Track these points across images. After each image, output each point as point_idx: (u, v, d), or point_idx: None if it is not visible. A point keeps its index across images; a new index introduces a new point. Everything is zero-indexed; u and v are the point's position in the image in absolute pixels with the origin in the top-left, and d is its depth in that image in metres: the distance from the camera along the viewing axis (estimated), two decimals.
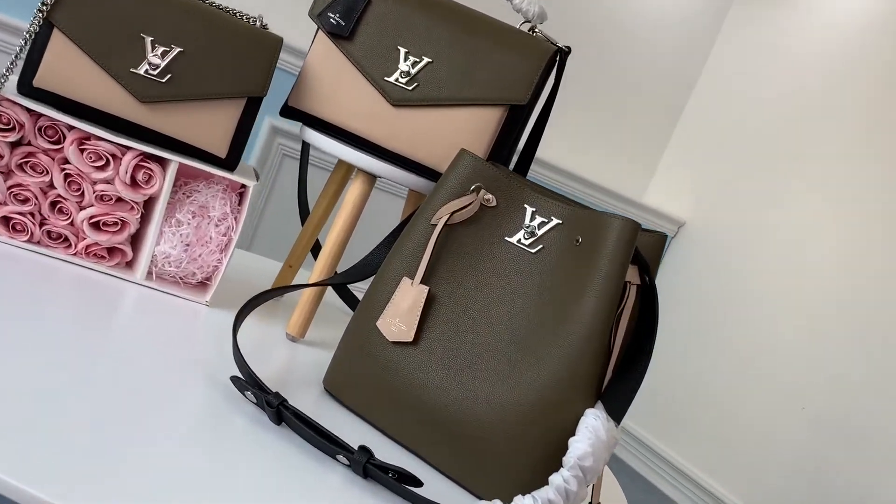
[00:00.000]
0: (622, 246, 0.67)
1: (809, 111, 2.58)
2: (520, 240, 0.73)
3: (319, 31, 0.90)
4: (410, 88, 0.87)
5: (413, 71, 0.87)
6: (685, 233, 2.84)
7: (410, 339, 0.72)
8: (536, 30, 0.90)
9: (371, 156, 0.88)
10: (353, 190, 0.90)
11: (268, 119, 2.25)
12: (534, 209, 0.74)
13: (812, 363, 2.37)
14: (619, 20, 2.71)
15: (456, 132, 0.87)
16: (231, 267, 1.07)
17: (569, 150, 2.75)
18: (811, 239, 2.46)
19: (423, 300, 0.72)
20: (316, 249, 1.07)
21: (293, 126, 2.25)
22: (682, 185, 2.88)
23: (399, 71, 0.87)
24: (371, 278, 0.82)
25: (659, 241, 0.75)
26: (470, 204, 0.74)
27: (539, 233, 0.73)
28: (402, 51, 0.87)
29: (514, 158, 1.00)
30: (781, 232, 2.53)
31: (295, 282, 1.11)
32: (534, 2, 0.88)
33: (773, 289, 2.51)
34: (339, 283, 0.83)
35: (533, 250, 0.73)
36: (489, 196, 0.75)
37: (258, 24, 0.88)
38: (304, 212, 1.08)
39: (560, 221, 0.73)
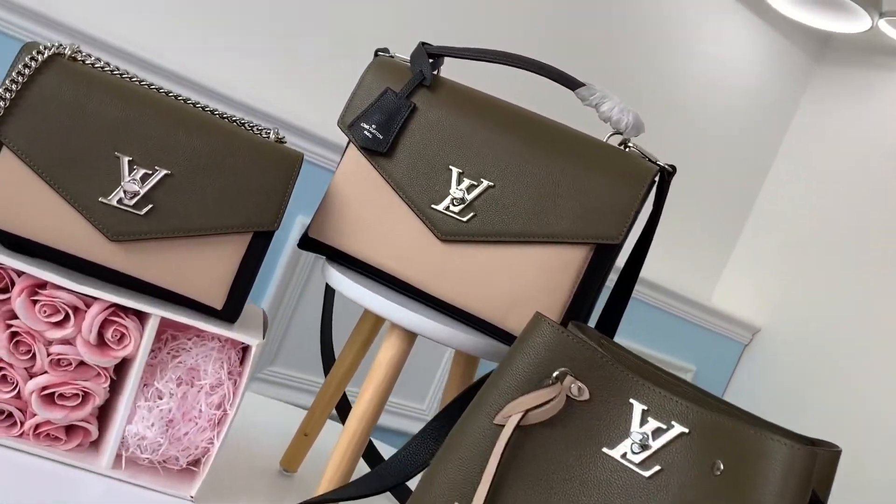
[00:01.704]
0: (791, 486, 0.44)
1: None
2: (626, 454, 0.50)
3: (351, 144, 0.71)
4: (465, 220, 0.66)
5: (469, 197, 0.66)
6: (761, 340, 2.55)
7: None
8: (630, 145, 0.69)
9: (410, 307, 0.67)
10: (386, 349, 0.68)
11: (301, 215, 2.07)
12: (645, 407, 0.51)
13: None
14: (682, 108, 2.52)
15: (523, 278, 0.66)
16: (229, 431, 0.85)
17: (625, 245, 2.51)
18: None
19: None
20: (342, 409, 0.85)
21: None
22: (756, 287, 2.61)
23: (451, 197, 0.67)
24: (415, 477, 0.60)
25: (831, 460, 0.51)
26: (553, 399, 0.52)
27: (654, 445, 0.50)
28: (455, 171, 0.67)
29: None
30: (878, 339, 2.23)
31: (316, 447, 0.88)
32: (627, 110, 0.68)
33: (869, 409, 2.20)
34: (361, 496, 0.60)
35: (646, 473, 0.49)
36: (579, 386, 0.52)
37: (272, 136, 0.69)
38: (328, 360, 0.86)
39: (686, 430, 0.50)
